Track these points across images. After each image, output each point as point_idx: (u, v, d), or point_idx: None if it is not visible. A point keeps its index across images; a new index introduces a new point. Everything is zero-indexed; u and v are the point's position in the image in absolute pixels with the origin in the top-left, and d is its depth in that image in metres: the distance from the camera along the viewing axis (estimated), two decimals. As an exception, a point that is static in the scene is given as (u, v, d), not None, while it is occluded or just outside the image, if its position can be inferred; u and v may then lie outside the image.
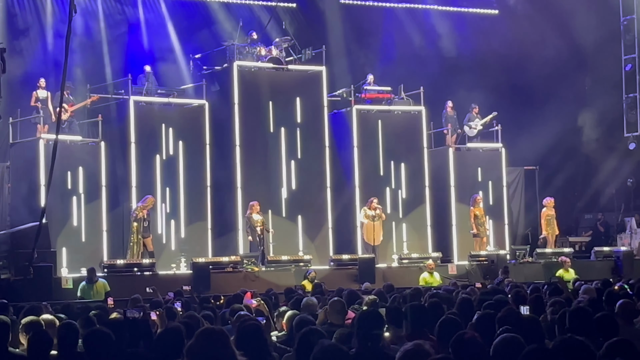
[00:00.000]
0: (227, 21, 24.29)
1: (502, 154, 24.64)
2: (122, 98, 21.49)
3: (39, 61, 22.03)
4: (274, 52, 22.29)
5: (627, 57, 26.88)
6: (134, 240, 19.52)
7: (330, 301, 9.02)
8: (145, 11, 24.04)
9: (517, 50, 26.72)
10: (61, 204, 20.11)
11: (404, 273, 20.75)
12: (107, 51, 23.05)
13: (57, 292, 16.83)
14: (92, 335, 6.55)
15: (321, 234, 22.29)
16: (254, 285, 16.75)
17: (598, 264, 22.26)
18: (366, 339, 6.20)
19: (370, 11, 26.93)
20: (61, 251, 19.63)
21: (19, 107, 20.73)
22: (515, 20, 27.29)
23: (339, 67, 24.12)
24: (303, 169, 22.29)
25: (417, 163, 23.57)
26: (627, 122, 26.85)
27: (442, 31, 26.80)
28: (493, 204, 24.17)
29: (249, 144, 21.82)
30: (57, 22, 22.02)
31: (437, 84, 25.01)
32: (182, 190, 21.43)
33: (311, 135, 22.48)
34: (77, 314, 10.35)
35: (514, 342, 5.42)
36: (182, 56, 23.37)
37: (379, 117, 23.48)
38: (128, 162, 21.01)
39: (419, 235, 23.30)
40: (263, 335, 6.50)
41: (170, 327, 6.97)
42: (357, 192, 22.79)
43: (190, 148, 21.68)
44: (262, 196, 21.15)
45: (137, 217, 19.55)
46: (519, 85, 26.99)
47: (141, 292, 14.54)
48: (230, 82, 21.85)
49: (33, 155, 20.10)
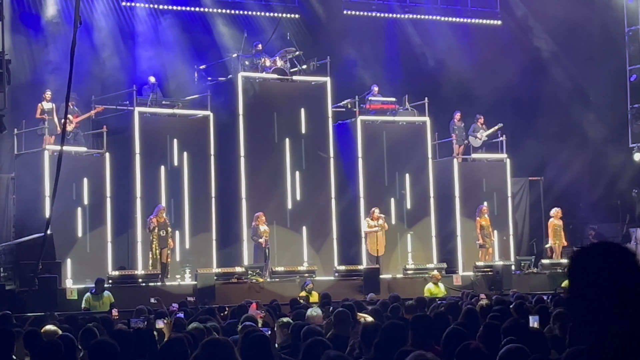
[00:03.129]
0: (231, 32, 24.31)
1: (506, 164, 24.64)
2: (126, 109, 21.51)
3: (45, 72, 22.05)
4: (279, 63, 22.32)
5: (632, 67, 26.84)
6: (154, 251, 19.57)
7: (335, 312, 9.01)
8: (150, 22, 24.07)
9: (520, 61, 26.72)
10: (66, 215, 20.11)
11: (409, 284, 20.74)
12: (111, 62, 23.07)
13: (61, 303, 16.84)
14: (97, 347, 6.55)
15: (325, 244, 22.28)
16: (258, 296, 16.74)
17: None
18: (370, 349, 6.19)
19: (374, 22, 26.95)
20: (66, 262, 19.62)
21: (23, 118, 20.77)
22: (518, 30, 27.30)
23: (343, 78, 24.13)
24: (307, 180, 22.30)
25: (421, 174, 23.56)
26: (632, 132, 26.78)
27: (446, 42, 26.80)
28: (497, 215, 24.15)
29: (254, 155, 21.84)
30: (63, 34, 22.05)
31: (441, 94, 25.03)
32: (186, 201, 21.44)
33: (316, 146, 22.49)
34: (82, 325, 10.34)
35: (520, 353, 5.40)
36: (187, 67, 23.39)
37: (384, 127, 23.49)
38: (133, 173, 21.02)
39: (423, 245, 23.27)
40: (269, 346, 6.49)
41: (173, 337, 6.97)
42: (362, 203, 22.78)
43: (195, 159, 21.69)
44: (266, 207, 21.15)
45: (151, 228, 19.61)
46: (523, 96, 26.98)
47: (146, 303, 14.55)
48: (235, 93, 21.88)
49: (38, 166, 20.12)
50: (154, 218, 19.71)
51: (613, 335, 2.48)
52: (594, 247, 2.62)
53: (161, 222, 19.72)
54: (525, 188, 26.75)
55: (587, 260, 2.59)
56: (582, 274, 2.59)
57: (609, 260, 2.55)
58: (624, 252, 2.58)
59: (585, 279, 2.57)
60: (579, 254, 2.63)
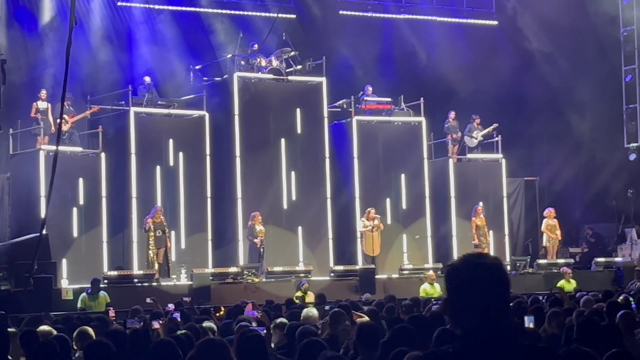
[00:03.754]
0: (227, 32, 24.30)
1: (502, 164, 24.65)
2: (122, 109, 21.49)
3: (40, 72, 22.02)
4: (274, 63, 22.32)
5: (627, 67, 26.89)
6: (152, 252, 19.57)
7: (331, 312, 9.00)
8: (146, 22, 24.04)
9: (516, 61, 26.74)
10: (61, 215, 20.09)
11: (405, 284, 20.75)
12: (107, 62, 23.04)
13: (57, 304, 16.82)
14: (92, 347, 6.54)
15: (321, 244, 22.28)
16: (254, 297, 16.73)
17: (599, 275, 22.25)
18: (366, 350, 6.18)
19: (369, 22, 26.94)
20: (61, 262, 19.61)
21: (19, 118, 20.75)
22: (514, 31, 27.31)
23: (339, 78, 24.13)
24: (303, 180, 22.30)
25: (417, 174, 23.57)
26: (627, 133, 26.84)
27: (441, 42, 26.81)
28: (493, 215, 24.16)
29: (249, 155, 21.83)
30: (58, 34, 22.02)
31: (437, 94, 25.03)
32: (182, 201, 21.43)
33: (311, 146, 22.49)
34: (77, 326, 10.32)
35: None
36: (183, 67, 23.38)
37: (379, 128, 23.50)
38: (128, 173, 21.00)
39: (419, 245, 23.28)
40: (264, 346, 6.49)
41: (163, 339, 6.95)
42: (357, 203, 22.78)
43: (191, 159, 21.68)
44: (262, 207, 21.15)
45: (146, 229, 19.61)
46: (518, 96, 27.00)
47: (142, 303, 14.54)
48: (231, 93, 21.87)
49: (33, 166, 20.10)
50: (149, 219, 19.71)
51: (478, 327, 3.16)
52: (462, 262, 3.25)
53: (157, 222, 19.72)
54: (520, 188, 26.77)
55: (455, 273, 3.24)
56: (453, 284, 3.24)
57: (473, 273, 3.21)
58: (486, 266, 3.23)
59: (455, 287, 3.23)
60: (450, 268, 3.28)
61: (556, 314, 9.13)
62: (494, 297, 3.17)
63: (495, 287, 3.20)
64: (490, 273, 3.20)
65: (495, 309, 3.16)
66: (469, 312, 3.16)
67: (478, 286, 3.17)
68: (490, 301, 3.16)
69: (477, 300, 3.15)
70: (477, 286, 3.17)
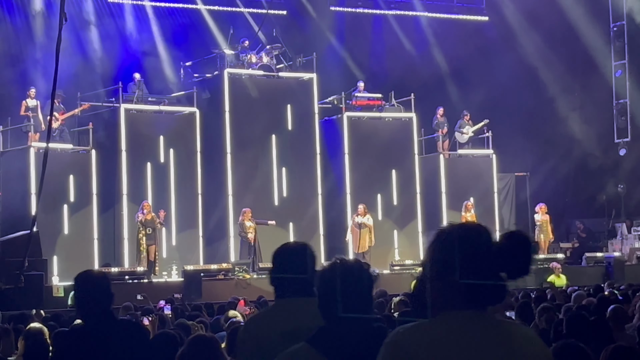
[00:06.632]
0: (217, 28, 24.27)
1: (493, 160, 24.69)
2: (112, 106, 21.46)
3: (29, 69, 21.97)
4: (265, 59, 22.31)
5: (617, 63, 26.96)
6: (143, 249, 19.55)
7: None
8: (136, 19, 24.01)
9: (506, 57, 26.75)
10: (52, 213, 20.05)
11: (396, 279, 20.72)
12: (97, 59, 23.00)
13: (48, 301, 16.78)
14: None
15: (312, 240, 22.24)
16: (245, 293, 16.72)
17: (589, 270, 22.29)
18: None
19: (360, 18, 26.95)
20: (52, 259, 19.56)
21: (9, 115, 20.70)
22: (504, 26, 27.34)
23: (330, 74, 24.13)
24: (294, 176, 22.30)
25: (408, 170, 23.59)
26: (617, 128, 26.91)
27: (432, 38, 26.84)
28: (484, 211, 24.18)
29: (240, 152, 21.82)
30: (48, 30, 21.96)
31: (427, 90, 25.05)
32: (173, 198, 21.40)
33: (302, 143, 22.49)
34: (68, 323, 10.32)
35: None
36: (173, 64, 23.35)
37: (370, 124, 23.52)
38: (119, 170, 20.97)
39: (410, 241, 23.30)
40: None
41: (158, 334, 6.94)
42: (349, 199, 22.80)
43: (181, 156, 21.66)
44: (253, 203, 21.14)
45: (138, 225, 19.61)
46: (509, 92, 27.01)
47: (133, 299, 14.53)
48: (221, 89, 21.85)
49: (23, 163, 20.05)
50: (140, 215, 19.70)
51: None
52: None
53: (148, 219, 19.68)
54: (511, 184, 26.80)
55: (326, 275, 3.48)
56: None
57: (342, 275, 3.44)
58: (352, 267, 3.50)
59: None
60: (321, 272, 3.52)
61: (546, 309, 9.16)
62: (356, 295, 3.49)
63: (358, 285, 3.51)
64: (352, 274, 3.47)
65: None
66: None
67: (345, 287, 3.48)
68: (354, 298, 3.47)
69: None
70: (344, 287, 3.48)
